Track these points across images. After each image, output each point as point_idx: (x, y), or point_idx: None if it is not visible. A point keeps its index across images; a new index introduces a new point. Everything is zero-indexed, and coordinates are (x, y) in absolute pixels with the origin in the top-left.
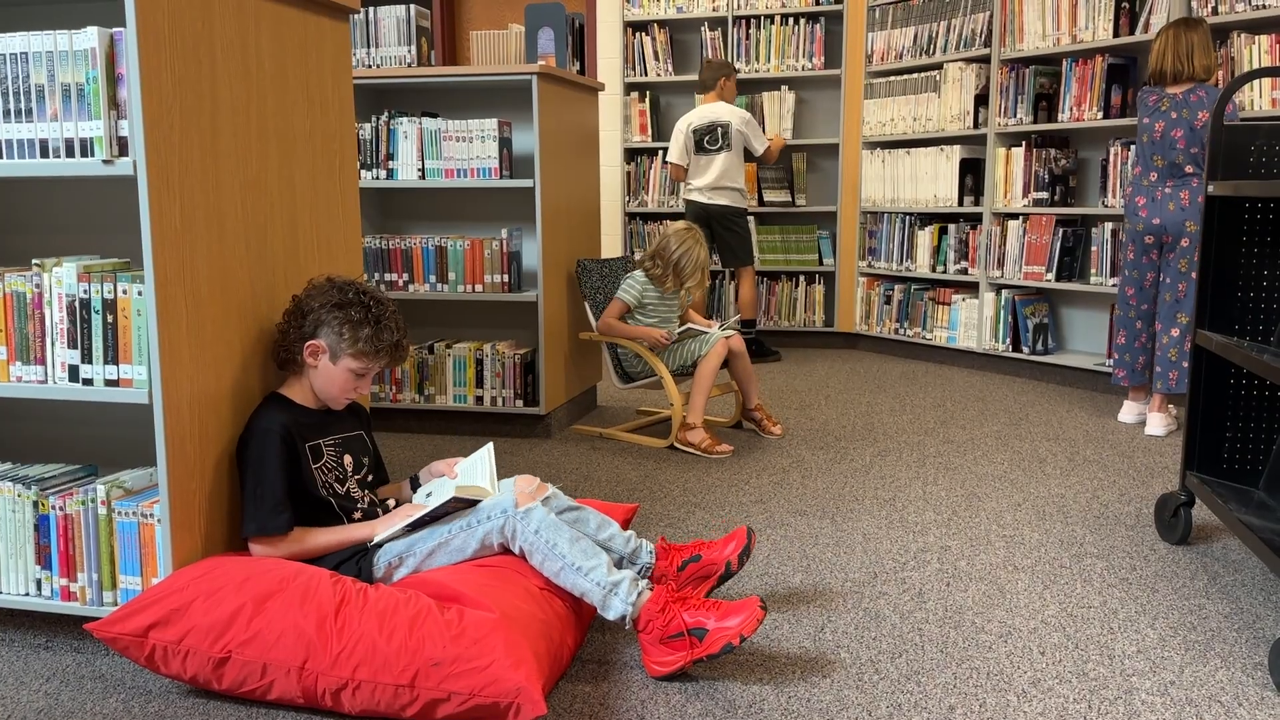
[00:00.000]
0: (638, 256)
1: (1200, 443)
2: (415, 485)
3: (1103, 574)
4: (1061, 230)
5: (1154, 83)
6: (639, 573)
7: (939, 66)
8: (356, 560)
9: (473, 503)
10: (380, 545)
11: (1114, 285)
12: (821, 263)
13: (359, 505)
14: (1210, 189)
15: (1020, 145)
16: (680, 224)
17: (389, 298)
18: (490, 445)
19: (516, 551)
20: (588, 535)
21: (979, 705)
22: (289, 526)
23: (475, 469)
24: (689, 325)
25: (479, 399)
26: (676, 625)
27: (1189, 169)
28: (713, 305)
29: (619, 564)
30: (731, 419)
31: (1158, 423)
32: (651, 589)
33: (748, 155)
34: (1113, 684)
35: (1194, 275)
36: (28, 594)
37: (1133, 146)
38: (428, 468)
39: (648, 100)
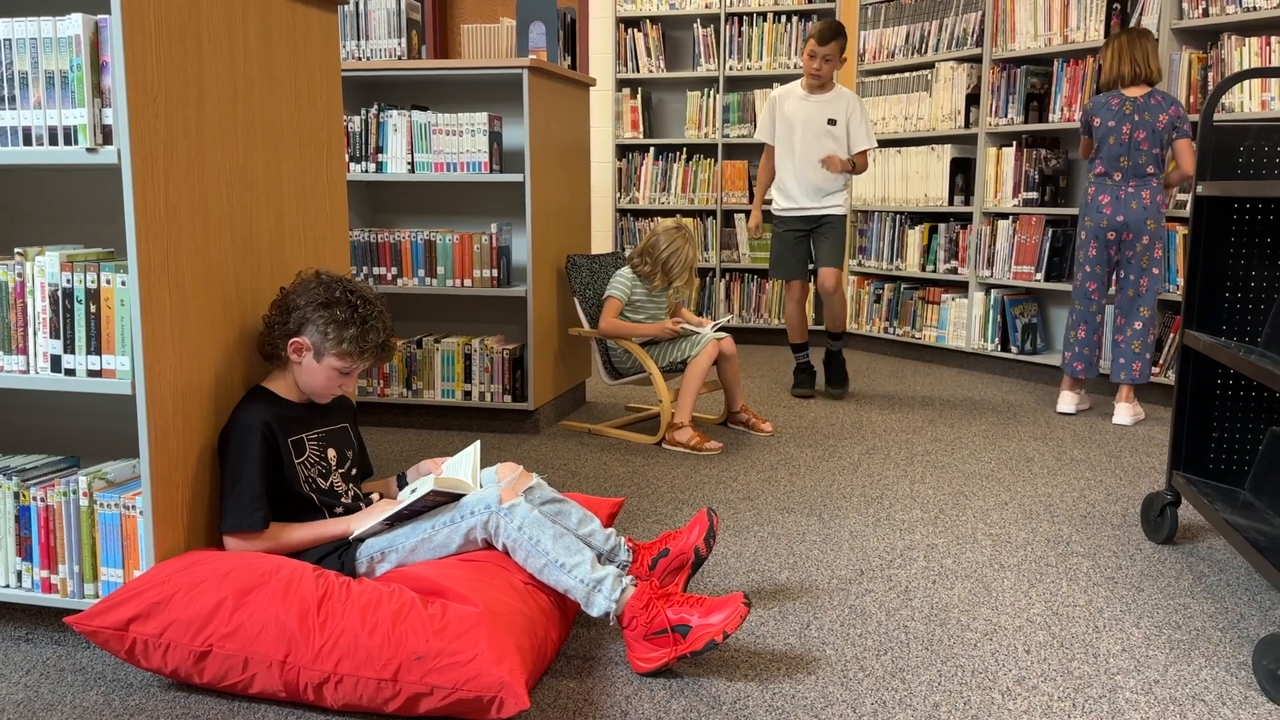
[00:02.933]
0: (628, 253)
1: (1186, 443)
2: (403, 483)
3: (1088, 573)
4: (1051, 230)
5: (1109, 87)
6: (620, 570)
7: (930, 66)
8: (339, 555)
9: (454, 498)
10: (362, 540)
11: None
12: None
13: (342, 500)
14: (1199, 189)
15: (1011, 145)
16: (669, 221)
17: (377, 296)
18: (477, 444)
19: (500, 547)
20: (569, 530)
21: (963, 703)
22: (264, 524)
23: (460, 466)
24: (685, 324)
25: (467, 394)
26: (660, 622)
27: (1150, 169)
28: (704, 304)
29: (598, 560)
30: (720, 417)
31: (1125, 413)
32: (636, 585)
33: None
34: (1097, 682)
35: (1154, 270)
36: (8, 585)
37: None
38: (416, 466)
39: (639, 96)
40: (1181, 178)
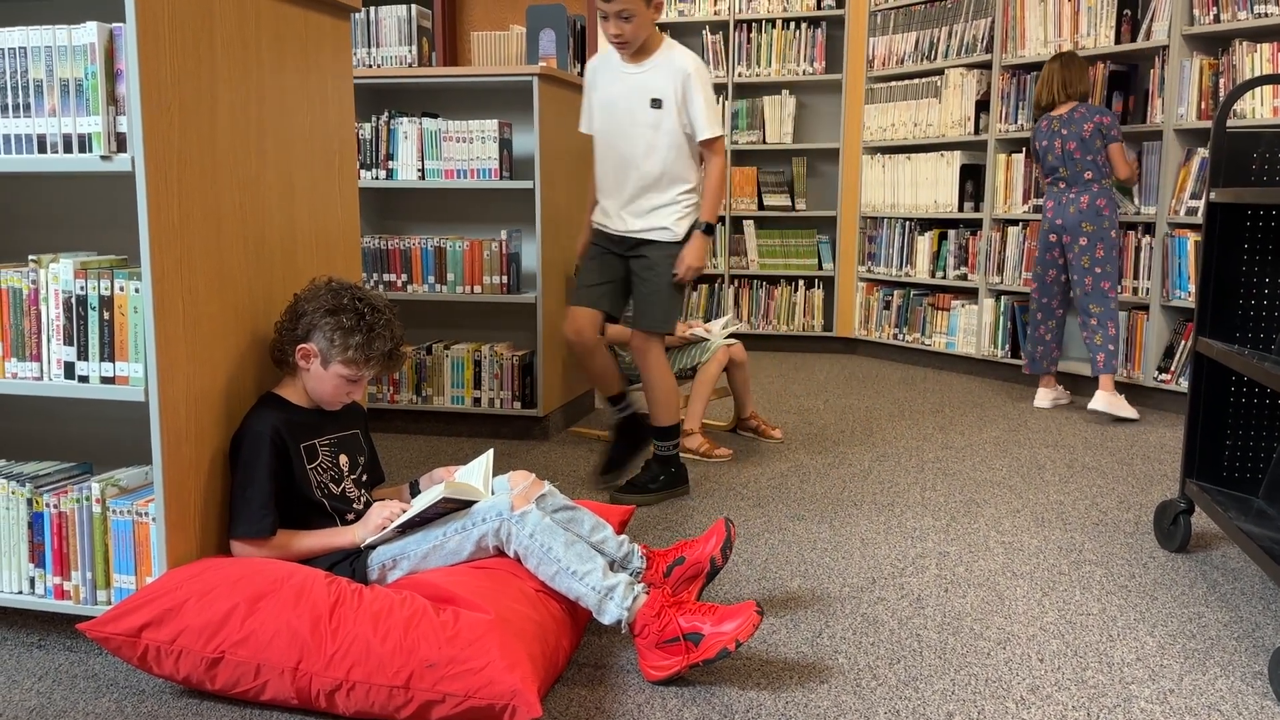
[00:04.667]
0: None
1: (1200, 450)
2: (415, 491)
3: (1101, 581)
4: None
5: (1041, 111)
6: (633, 578)
7: (940, 72)
8: (350, 562)
9: (465, 505)
10: (373, 547)
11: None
12: (821, 267)
13: (354, 506)
14: (1212, 196)
15: (1021, 151)
16: None
17: (388, 304)
18: (490, 452)
19: (511, 555)
20: (582, 537)
21: (977, 712)
22: (272, 530)
23: (472, 474)
24: (695, 331)
25: (476, 400)
26: (672, 630)
27: (1088, 175)
28: (711, 310)
29: (611, 567)
30: (729, 423)
31: (1100, 400)
32: (648, 592)
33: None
34: (1111, 692)
35: (1098, 270)
36: (21, 592)
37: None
38: (429, 474)
39: None
40: (1119, 181)
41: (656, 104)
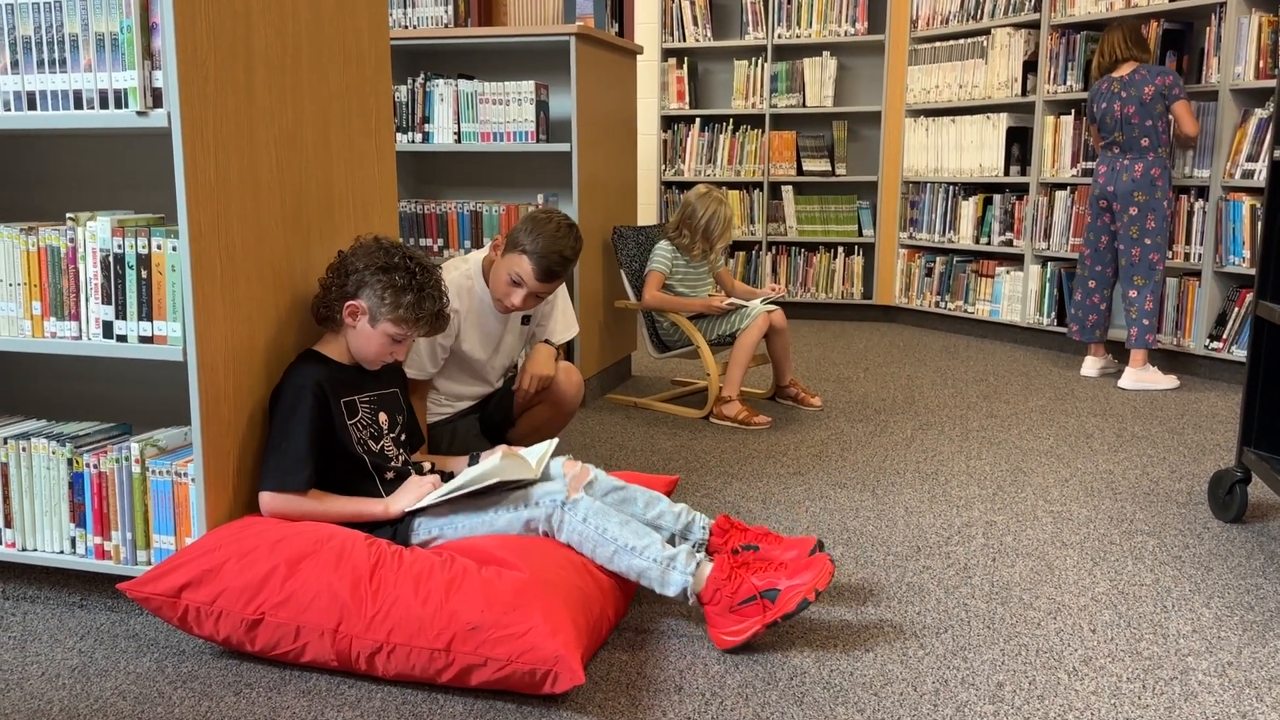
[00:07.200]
0: (666, 226)
1: (1259, 417)
2: (474, 462)
3: (1154, 552)
4: None
5: (1101, 74)
6: (693, 548)
7: (986, 32)
8: (393, 528)
9: (516, 484)
10: (416, 515)
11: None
12: (861, 234)
13: (392, 464)
14: (1276, 154)
15: (1070, 114)
16: (700, 188)
17: (434, 265)
18: (555, 441)
19: (562, 541)
20: (635, 516)
21: (1028, 682)
22: (308, 485)
23: (533, 457)
24: (733, 299)
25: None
26: (747, 589)
27: (1145, 141)
28: (750, 277)
29: (671, 541)
30: (768, 391)
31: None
32: (712, 560)
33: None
34: (1167, 663)
35: (1146, 241)
36: (62, 552)
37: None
38: (491, 450)
39: (685, 66)
40: (1184, 138)
41: (526, 319)
